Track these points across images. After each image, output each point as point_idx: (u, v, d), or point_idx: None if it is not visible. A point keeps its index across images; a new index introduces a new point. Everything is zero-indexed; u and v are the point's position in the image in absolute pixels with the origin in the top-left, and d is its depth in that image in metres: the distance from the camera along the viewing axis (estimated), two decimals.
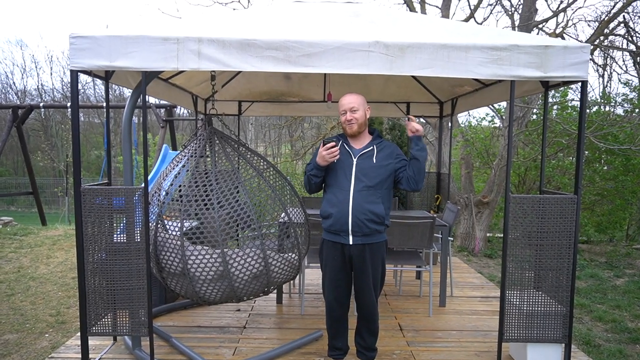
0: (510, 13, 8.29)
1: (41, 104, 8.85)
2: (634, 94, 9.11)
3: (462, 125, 9.76)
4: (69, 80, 2.53)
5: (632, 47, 9.70)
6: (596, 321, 4.52)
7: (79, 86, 2.57)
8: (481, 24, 8.05)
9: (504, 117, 8.73)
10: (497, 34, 2.67)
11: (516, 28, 7.34)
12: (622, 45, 9.91)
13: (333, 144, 2.48)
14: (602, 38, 7.74)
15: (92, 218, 2.54)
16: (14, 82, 25.48)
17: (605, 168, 9.03)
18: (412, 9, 7.81)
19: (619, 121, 8.23)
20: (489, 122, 9.60)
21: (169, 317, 3.67)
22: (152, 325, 2.67)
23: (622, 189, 8.13)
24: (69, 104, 8.83)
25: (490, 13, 12.00)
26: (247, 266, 2.74)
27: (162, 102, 8.14)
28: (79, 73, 2.49)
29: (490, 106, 8.91)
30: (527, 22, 7.15)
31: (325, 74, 4.83)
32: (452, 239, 5.47)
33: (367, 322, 2.74)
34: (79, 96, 2.57)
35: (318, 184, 2.65)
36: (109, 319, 2.67)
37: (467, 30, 2.74)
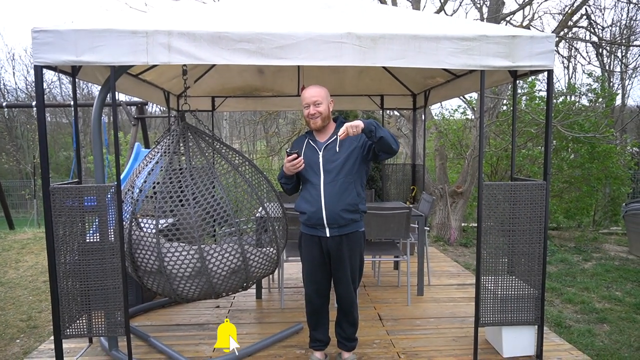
0: (478, 6, 8.44)
1: (4, 104, 8.50)
2: (597, 84, 9.44)
3: (436, 117, 9.90)
4: (33, 79, 2.45)
5: (595, 38, 10.03)
6: (566, 303, 4.68)
7: (45, 85, 2.48)
8: (451, 16, 8.17)
9: (475, 109, 8.90)
10: (467, 25, 2.71)
11: (485, 20, 7.48)
12: (585, 37, 10.24)
13: (294, 155, 2.52)
14: (566, 30, 7.97)
15: (63, 218, 2.47)
16: None
17: (572, 156, 9.33)
18: (383, 1, 7.85)
19: (584, 110, 8.51)
20: (461, 113, 9.76)
21: (147, 317, 3.61)
22: (129, 325, 2.62)
23: (589, 176, 8.42)
24: (34, 103, 8.52)
25: (460, 5, 12.22)
26: (225, 261, 2.72)
27: (133, 99, 7.94)
28: (43, 69, 2.41)
29: (462, 98, 9.08)
30: (495, 14, 7.30)
31: (299, 67, 4.82)
32: (428, 229, 5.56)
33: (345, 313, 2.76)
34: (45, 95, 2.48)
35: (292, 188, 2.72)
36: (84, 321, 2.61)
37: (438, 22, 2.78)
